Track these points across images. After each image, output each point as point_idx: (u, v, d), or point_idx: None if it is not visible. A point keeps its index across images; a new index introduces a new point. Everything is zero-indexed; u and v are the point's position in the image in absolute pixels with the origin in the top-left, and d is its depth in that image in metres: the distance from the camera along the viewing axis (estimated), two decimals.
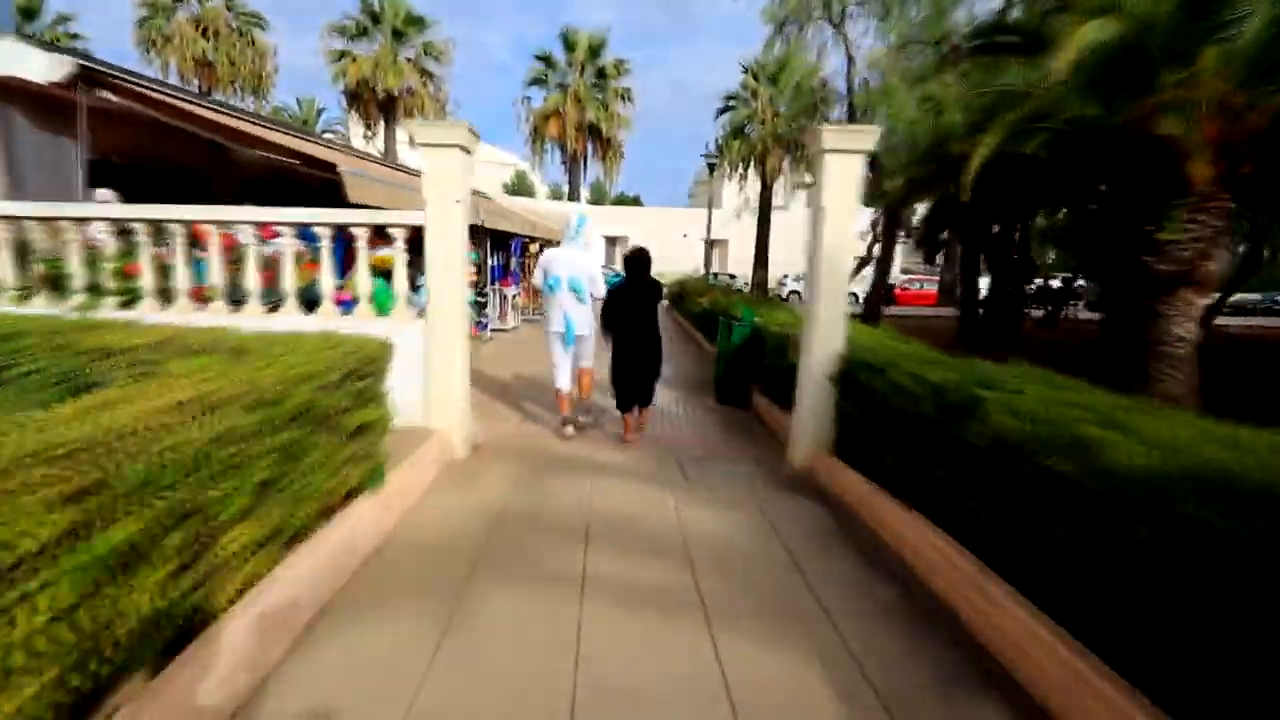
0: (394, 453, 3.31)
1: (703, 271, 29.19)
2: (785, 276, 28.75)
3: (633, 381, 5.17)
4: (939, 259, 36.23)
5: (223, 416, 1.78)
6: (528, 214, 12.82)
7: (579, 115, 23.54)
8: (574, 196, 25.19)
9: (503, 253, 11.53)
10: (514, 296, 11.79)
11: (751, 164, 24.48)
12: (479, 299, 10.13)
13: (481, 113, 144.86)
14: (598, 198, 50.29)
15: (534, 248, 13.19)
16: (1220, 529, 1.52)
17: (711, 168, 16.44)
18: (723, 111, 24.39)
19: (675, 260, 40.73)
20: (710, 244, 43.20)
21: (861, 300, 20.00)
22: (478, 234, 9.90)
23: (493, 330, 10.99)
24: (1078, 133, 6.07)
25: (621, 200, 53.38)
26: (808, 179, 28.18)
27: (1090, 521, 1.94)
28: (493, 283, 11.40)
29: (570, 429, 5.20)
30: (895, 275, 40.15)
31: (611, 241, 42.45)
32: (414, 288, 4.60)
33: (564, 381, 5.15)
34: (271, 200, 4.76)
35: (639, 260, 5.04)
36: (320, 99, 38.33)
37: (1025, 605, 2.14)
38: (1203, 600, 1.57)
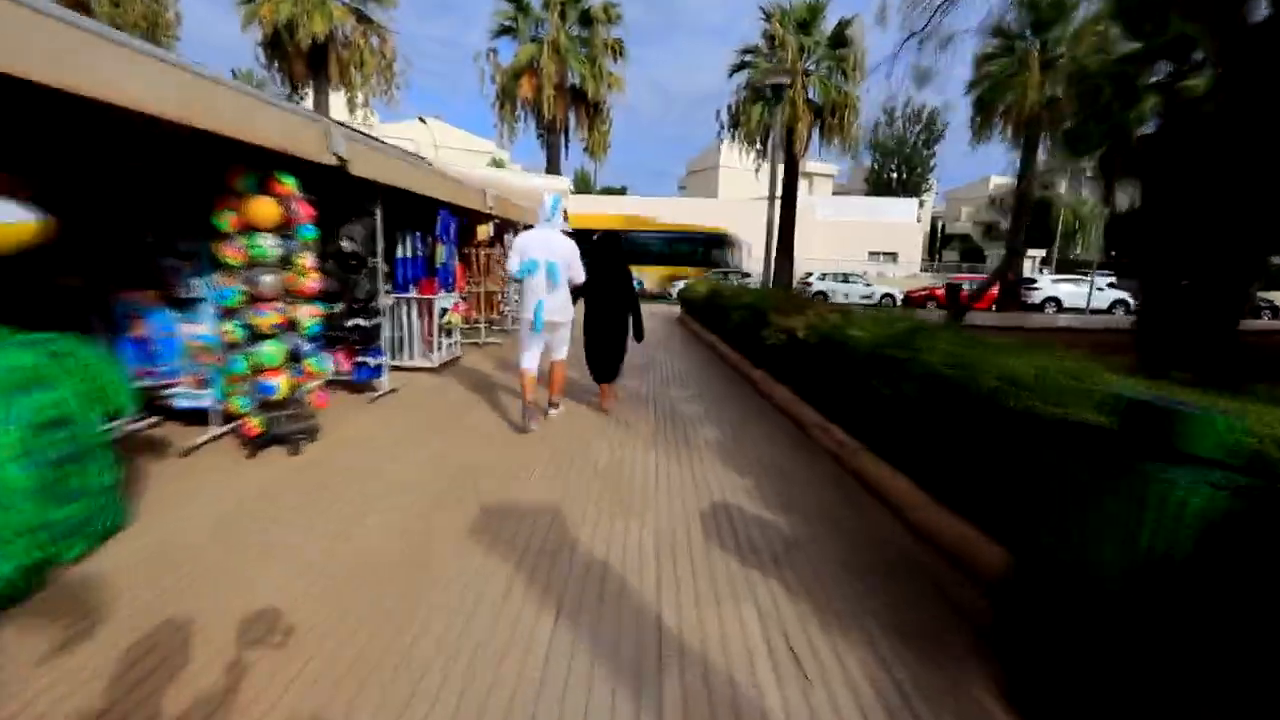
0: None
1: (749, 273, 23.87)
2: (809, 275, 24.01)
3: (601, 360, 5.39)
4: (991, 252, 31.42)
5: None
6: (469, 178, 7.90)
7: (559, 72, 18.67)
8: (554, 174, 20.34)
9: (425, 238, 6.64)
10: (445, 314, 6.89)
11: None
12: (359, 323, 5.25)
13: (466, 108, 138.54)
14: (582, 186, 45.37)
15: (486, 230, 8.30)
16: None
17: (770, 94, 11.65)
18: (739, 68, 19.63)
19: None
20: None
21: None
22: (345, 195, 5.03)
23: (397, 369, 6.10)
24: None
25: (610, 191, 48.46)
26: (836, 165, 23.17)
27: None
28: (404, 287, 6.52)
29: (534, 423, 4.74)
30: (916, 274, 35.76)
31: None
32: None
33: (530, 362, 4.74)
34: None
35: (609, 244, 5.40)
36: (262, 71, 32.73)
37: None
38: None
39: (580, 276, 4.77)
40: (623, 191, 49.93)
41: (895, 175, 57.98)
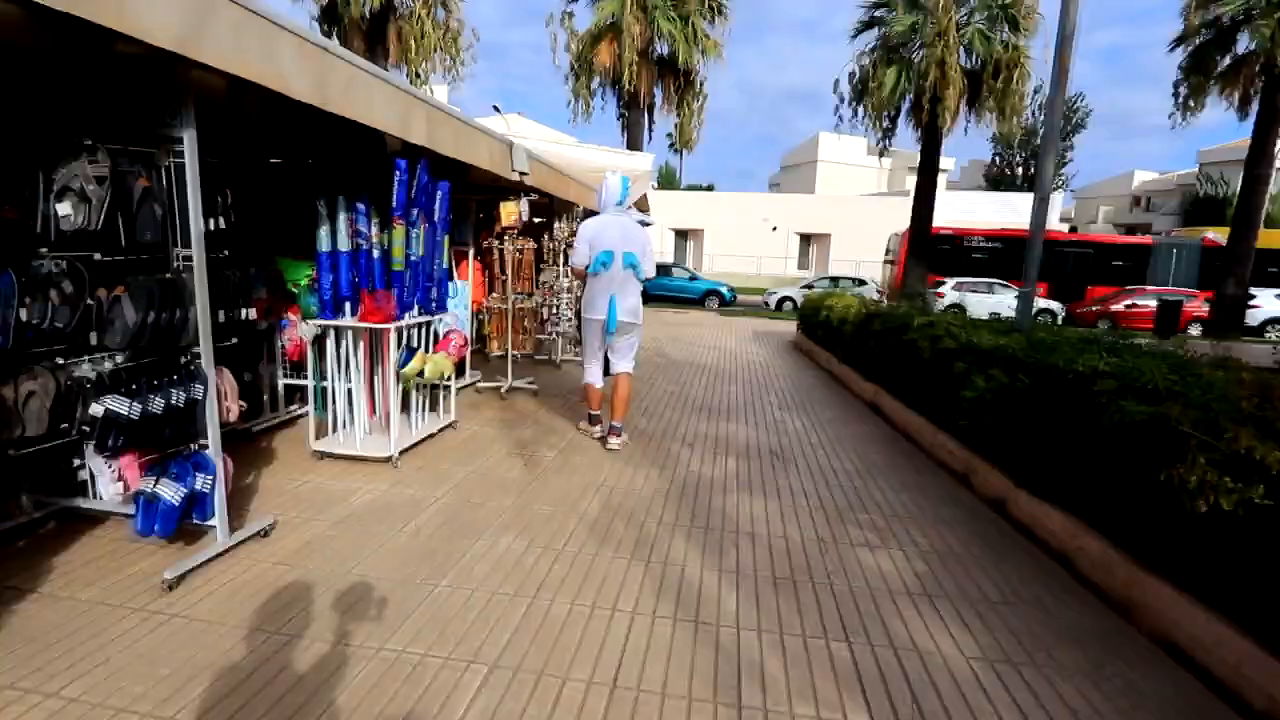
0: None
1: (864, 280, 20.04)
2: (940, 283, 19.62)
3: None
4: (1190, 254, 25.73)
5: None
6: (481, 125, 4.71)
7: (644, 35, 15.42)
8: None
9: (378, 212, 3.52)
10: (411, 358, 3.75)
11: (909, 106, 15.70)
12: (114, 408, 2.15)
13: (547, 105, 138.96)
14: (666, 182, 42.24)
15: (513, 210, 5.12)
16: None
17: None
18: (866, 26, 15.68)
19: (760, 260, 32.17)
20: (806, 239, 34.42)
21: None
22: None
23: (325, 459, 3.01)
24: None
25: (694, 188, 45.02)
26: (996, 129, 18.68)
27: None
28: (332, 308, 3.46)
29: (597, 428, 4.35)
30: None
31: (683, 235, 34.22)
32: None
33: (595, 376, 4.26)
34: None
35: None
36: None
37: None
38: None
39: (652, 271, 4.18)
40: (710, 189, 46.34)
41: (1021, 171, 51.02)
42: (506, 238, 5.28)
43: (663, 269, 19.88)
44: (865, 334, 6.19)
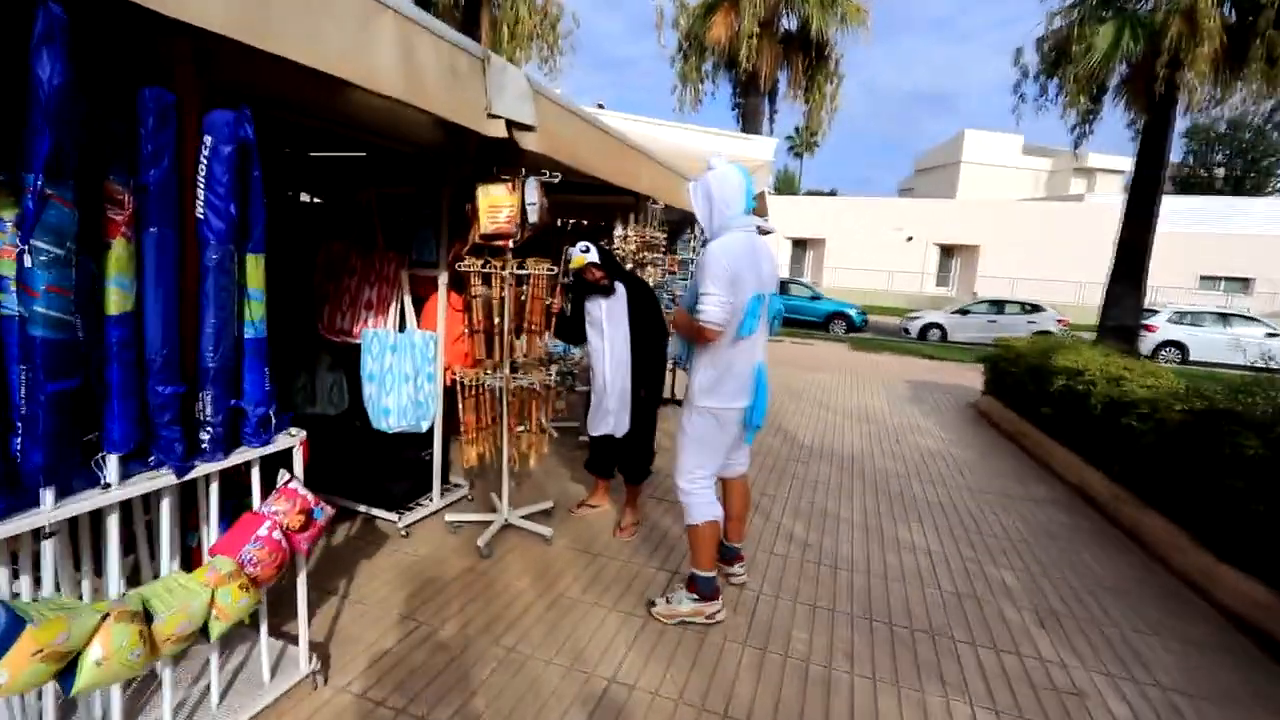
0: None
1: (1038, 305, 15.45)
2: (1154, 312, 14.99)
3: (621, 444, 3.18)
4: None
5: None
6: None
7: (768, 1, 12.63)
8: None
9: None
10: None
11: (1118, 80, 11.67)
12: None
13: (666, 114, 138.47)
14: (785, 187, 38.74)
15: (508, 200, 2.61)
16: None
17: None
18: None
19: (890, 275, 27.93)
20: (947, 252, 29.61)
21: None
22: None
23: None
24: None
25: (815, 194, 41.02)
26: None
27: None
28: None
29: (719, 606, 2.49)
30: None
31: (801, 245, 30.62)
32: None
33: (715, 507, 2.47)
34: None
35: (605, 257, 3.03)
36: None
37: None
38: None
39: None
40: (832, 194, 42.14)
41: (1224, 171, 42.02)
42: (495, 250, 2.77)
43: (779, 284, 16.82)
44: (1210, 455, 3.04)
